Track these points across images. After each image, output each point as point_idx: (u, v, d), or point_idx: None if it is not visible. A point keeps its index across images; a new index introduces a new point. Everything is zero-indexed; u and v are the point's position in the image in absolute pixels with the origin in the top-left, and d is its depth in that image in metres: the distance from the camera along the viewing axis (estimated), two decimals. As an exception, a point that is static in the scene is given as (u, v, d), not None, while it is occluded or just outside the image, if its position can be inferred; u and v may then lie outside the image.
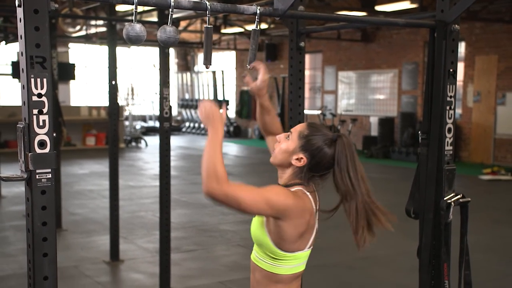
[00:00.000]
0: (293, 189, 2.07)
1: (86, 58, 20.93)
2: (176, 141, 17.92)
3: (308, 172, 2.09)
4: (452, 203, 2.35)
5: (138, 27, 1.99)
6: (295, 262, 2.09)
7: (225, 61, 21.84)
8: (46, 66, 1.75)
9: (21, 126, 1.73)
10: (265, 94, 2.32)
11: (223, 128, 1.99)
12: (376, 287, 5.11)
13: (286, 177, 2.12)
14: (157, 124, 19.66)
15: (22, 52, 1.73)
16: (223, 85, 20.42)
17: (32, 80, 1.72)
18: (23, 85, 1.74)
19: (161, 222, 4.93)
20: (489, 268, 5.57)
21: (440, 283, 2.36)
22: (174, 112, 22.62)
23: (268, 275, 2.09)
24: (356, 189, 2.08)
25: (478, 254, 5.79)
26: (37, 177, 1.73)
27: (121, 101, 17.76)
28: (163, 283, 4.90)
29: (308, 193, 2.09)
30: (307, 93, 18.68)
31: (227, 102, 20.18)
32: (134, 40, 2.00)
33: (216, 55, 21.84)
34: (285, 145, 2.10)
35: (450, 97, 2.43)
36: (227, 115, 20.15)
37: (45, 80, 1.74)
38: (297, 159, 2.07)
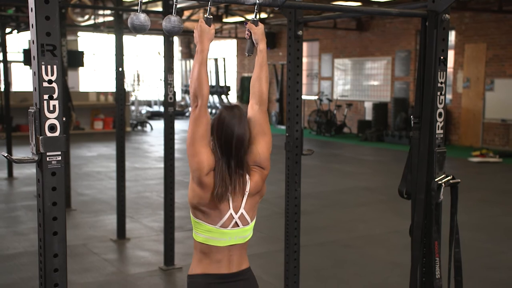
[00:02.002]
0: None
1: (95, 46, 20.89)
2: (180, 125, 17.91)
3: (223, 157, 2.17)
4: (443, 184, 2.35)
5: (142, 16, 1.98)
6: (205, 234, 2.15)
7: (226, 49, 21.79)
8: (56, 53, 1.75)
9: (32, 111, 1.74)
10: (263, 38, 2.37)
11: (209, 44, 2.18)
12: (371, 264, 5.13)
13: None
14: (161, 109, 19.66)
15: (33, 40, 1.73)
16: (224, 71, 20.38)
17: (43, 67, 1.72)
18: (34, 72, 1.74)
19: (166, 202, 4.94)
20: (477, 246, 5.60)
21: (431, 260, 2.37)
22: (178, 97, 22.61)
23: (194, 242, 2.23)
24: (217, 151, 2.16)
25: (467, 232, 5.82)
26: (47, 159, 1.73)
27: (127, 87, 17.74)
28: (167, 260, 4.93)
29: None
30: (304, 79, 18.64)
31: (228, 88, 20.16)
32: (138, 29, 1.98)
33: (218, 43, 21.79)
34: None
35: (441, 83, 2.42)
36: (228, 100, 20.13)
37: (55, 67, 1.74)
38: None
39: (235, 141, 2.12)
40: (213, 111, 19.36)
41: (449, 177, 2.38)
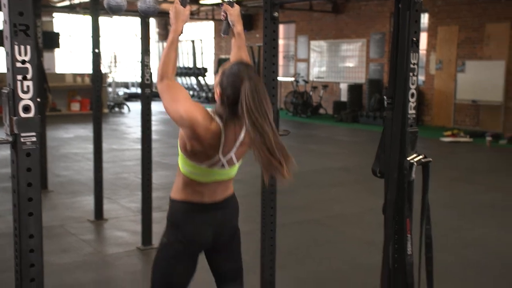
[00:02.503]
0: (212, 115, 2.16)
1: (71, 28, 20.52)
2: (157, 107, 17.69)
3: (225, 106, 2.15)
4: (415, 163, 2.37)
5: (118, -4, 1.95)
6: (191, 169, 2.19)
7: (203, 30, 21.61)
8: (29, 33, 1.71)
9: (6, 91, 1.70)
10: (240, 20, 2.41)
11: (183, 25, 2.22)
12: (345, 242, 5.19)
13: (216, 108, 2.20)
14: (139, 90, 19.44)
15: (5, 20, 1.69)
16: (202, 53, 20.25)
17: (16, 47, 1.69)
18: (7, 52, 1.71)
19: (143, 183, 4.92)
20: (448, 223, 5.69)
21: (403, 237, 2.40)
22: (155, 79, 22.45)
23: (178, 168, 2.27)
24: (258, 127, 2.03)
25: (438, 210, 5.90)
26: (22, 140, 1.71)
27: (104, 68, 17.50)
28: (145, 240, 4.92)
29: (220, 123, 2.14)
30: (281, 61, 18.60)
31: (205, 70, 20.03)
32: (115, 10, 1.96)
33: (195, 25, 21.60)
34: (215, 79, 2.23)
35: (413, 64, 2.43)
36: (205, 81, 20.02)
37: (28, 47, 1.71)
38: (216, 92, 2.19)
39: (262, 94, 2.10)
40: (191, 92, 19.23)
41: (421, 156, 2.40)
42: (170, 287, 2.20)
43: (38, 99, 1.76)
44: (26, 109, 1.71)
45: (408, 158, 2.39)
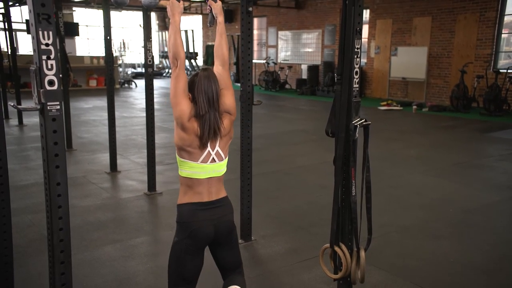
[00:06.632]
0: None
1: (88, 19, 19.96)
2: (158, 83, 17.52)
3: (195, 103, 2.10)
4: (358, 125, 2.38)
5: (123, -8, 1.87)
6: (189, 169, 2.10)
7: (194, 22, 21.18)
8: (51, 21, 1.64)
9: (33, 68, 1.65)
10: (221, 12, 2.30)
11: (180, 17, 2.11)
12: (305, 187, 5.24)
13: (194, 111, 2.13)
14: (143, 70, 19.11)
15: (30, 10, 1.62)
16: (193, 41, 19.88)
17: (40, 32, 1.62)
18: (33, 37, 1.64)
19: (148, 142, 4.87)
20: (382, 171, 5.78)
21: (349, 182, 2.43)
22: (156, 61, 22.08)
23: (179, 177, 2.17)
24: (201, 107, 2.07)
25: (376, 161, 5.99)
26: (48, 108, 1.66)
27: (115, 52, 17.12)
28: (150, 187, 4.91)
29: (195, 118, 2.08)
30: (255, 47, 18.37)
31: (196, 54, 19.70)
32: (120, 3, 1.90)
33: (187, 18, 21.13)
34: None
35: (357, 49, 2.41)
36: (196, 63, 19.72)
37: (50, 32, 1.64)
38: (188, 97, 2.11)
39: (215, 94, 2.08)
40: (187, 72, 18.94)
41: (362, 120, 2.41)
42: (183, 277, 2.11)
43: (60, 75, 1.70)
44: (51, 83, 1.65)
45: (353, 122, 2.39)
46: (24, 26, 14.97)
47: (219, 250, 2.20)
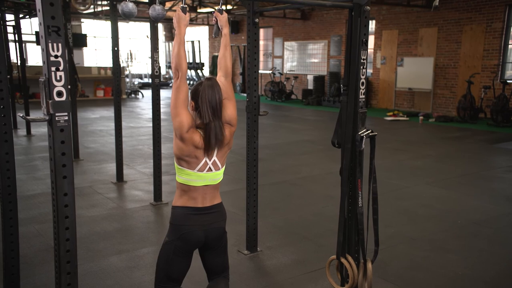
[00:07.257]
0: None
1: (95, 30, 20.15)
2: (164, 93, 17.60)
3: (197, 112, 2.11)
4: (364, 136, 2.38)
5: (130, 5, 1.90)
6: (186, 177, 2.12)
7: (200, 33, 21.31)
8: (60, 34, 1.66)
9: (42, 80, 1.66)
10: (227, 24, 2.31)
11: (185, 29, 2.11)
12: (312, 197, 5.22)
13: (195, 121, 2.13)
14: (150, 80, 19.24)
15: (40, 23, 1.64)
16: (199, 51, 20.00)
17: (50, 44, 1.64)
18: (43, 49, 1.66)
19: (154, 153, 4.89)
20: (389, 182, 5.75)
21: (355, 193, 2.42)
22: (163, 71, 22.23)
23: (176, 182, 2.19)
24: (205, 115, 2.08)
25: (382, 172, 5.96)
26: (56, 118, 1.67)
27: (122, 63, 17.26)
28: (156, 197, 4.91)
29: (200, 131, 2.09)
30: (261, 58, 18.45)
31: (202, 64, 19.81)
32: (127, 15, 1.91)
33: (194, 29, 21.28)
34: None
35: (363, 59, 2.42)
36: (202, 73, 19.81)
37: (60, 44, 1.66)
38: (191, 106, 2.12)
39: (218, 103, 2.09)
40: (191, 82, 19.03)
41: (369, 131, 2.41)
42: (170, 276, 2.14)
43: (69, 86, 1.72)
44: (59, 94, 1.67)
45: (359, 132, 2.39)
46: (33, 38, 15.14)
47: (207, 254, 2.23)
